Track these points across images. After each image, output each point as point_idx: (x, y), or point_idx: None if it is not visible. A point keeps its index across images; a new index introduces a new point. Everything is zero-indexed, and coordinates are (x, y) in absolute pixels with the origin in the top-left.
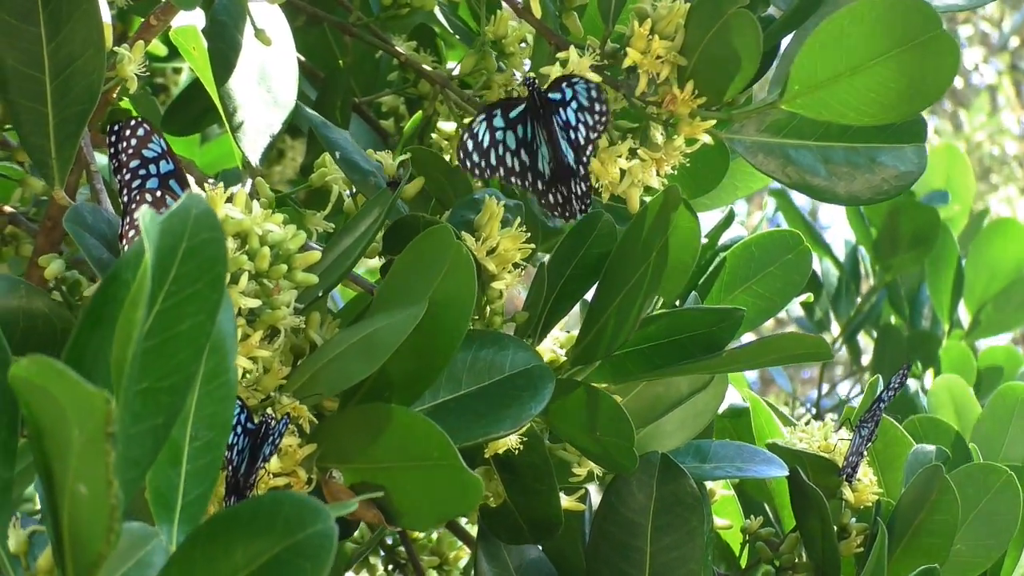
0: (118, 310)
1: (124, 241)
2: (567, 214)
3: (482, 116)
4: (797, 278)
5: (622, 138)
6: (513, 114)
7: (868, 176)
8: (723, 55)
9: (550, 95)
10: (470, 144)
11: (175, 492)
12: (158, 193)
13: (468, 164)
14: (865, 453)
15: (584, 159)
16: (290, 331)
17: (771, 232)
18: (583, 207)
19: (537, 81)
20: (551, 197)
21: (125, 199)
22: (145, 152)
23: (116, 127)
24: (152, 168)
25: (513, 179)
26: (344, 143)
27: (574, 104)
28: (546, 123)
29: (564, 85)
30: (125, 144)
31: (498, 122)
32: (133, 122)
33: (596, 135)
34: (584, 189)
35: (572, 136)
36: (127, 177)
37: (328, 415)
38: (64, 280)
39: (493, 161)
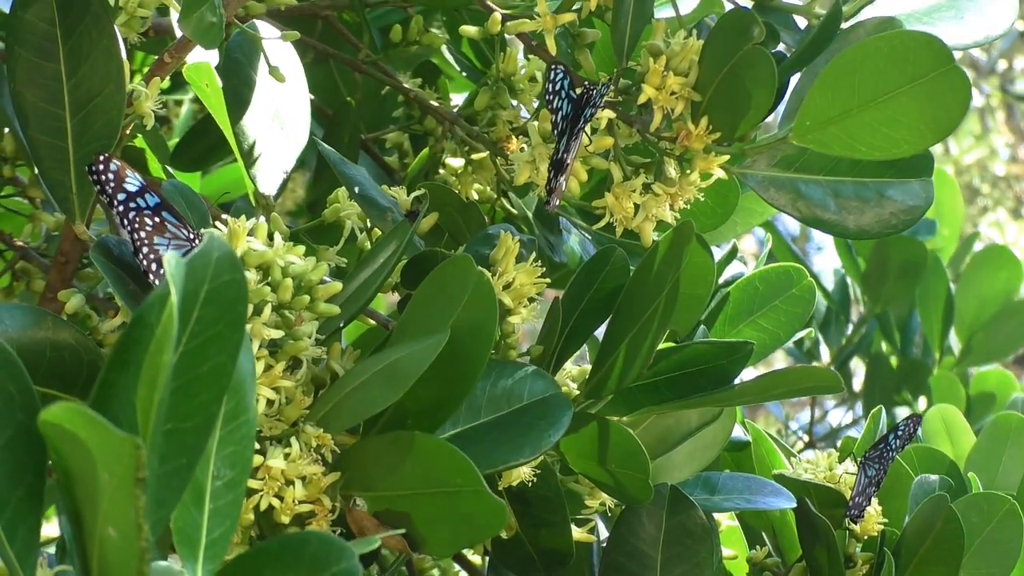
0: (143, 353)
1: (139, 257)
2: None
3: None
4: (800, 312)
5: (636, 173)
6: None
7: (877, 210)
8: (737, 91)
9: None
10: None
11: (199, 531)
12: (156, 219)
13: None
14: (873, 495)
15: (562, 151)
16: (311, 361)
17: (775, 267)
18: (547, 199)
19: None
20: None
21: (127, 231)
22: (127, 186)
23: (90, 166)
24: (140, 201)
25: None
26: (362, 179)
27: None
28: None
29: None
30: (105, 179)
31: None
32: (102, 157)
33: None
34: (552, 182)
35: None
36: (121, 209)
37: (351, 443)
38: (75, 314)
39: None
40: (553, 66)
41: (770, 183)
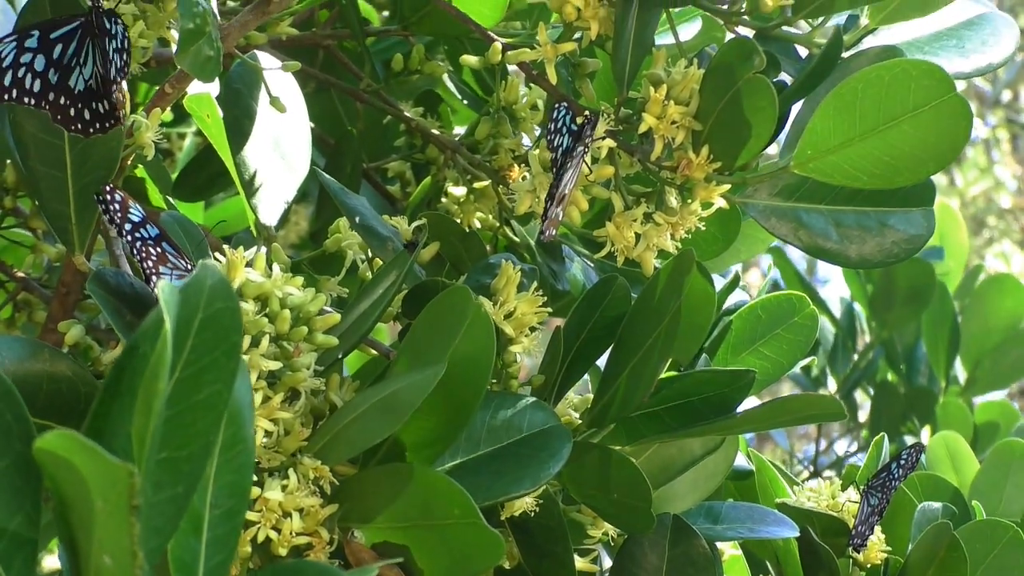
0: (138, 381)
1: (154, 279)
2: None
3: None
4: (803, 340)
5: (637, 202)
6: None
7: (879, 239)
8: (738, 120)
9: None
10: None
11: (197, 560)
12: (157, 250)
13: None
14: (876, 524)
15: (559, 183)
16: (310, 392)
17: (777, 295)
18: (542, 230)
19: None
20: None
21: (136, 256)
22: (131, 216)
23: (97, 197)
24: (143, 232)
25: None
26: (363, 209)
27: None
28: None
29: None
30: (112, 209)
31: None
32: (108, 188)
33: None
34: (548, 213)
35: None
36: (129, 239)
37: (349, 475)
38: (76, 345)
39: None
40: (556, 104)
41: (771, 212)
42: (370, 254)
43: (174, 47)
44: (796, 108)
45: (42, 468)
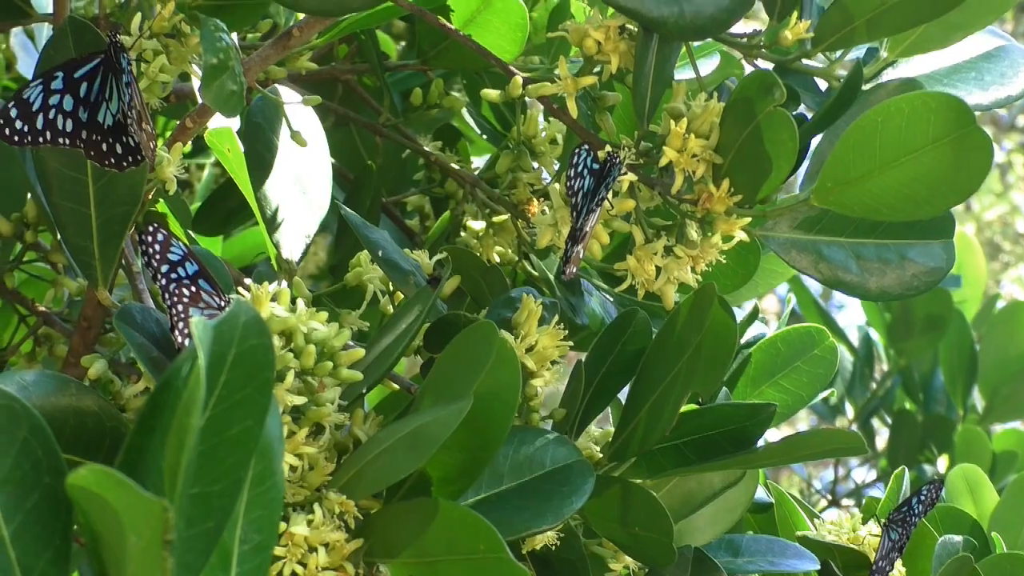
0: (170, 417)
1: (175, 333)
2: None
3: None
4: (823, 372)
5: (657, 235)
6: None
7: (899, 272)
8: (758, 153)
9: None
10: None
11: None
12: (193, 289)
13: None
14: (897, 559)
15: (579, 224)
16: (334, 427)
17: (797, 328)
18: (563, 269)
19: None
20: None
21: (167, 302)
22: (170, 255)
23: (140, 236)
24: (180, 271)
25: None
26: (384, 243)
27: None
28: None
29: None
30: (152, 251)
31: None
32: (151, 227)
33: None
34: (568, 252)
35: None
36: (163, 282)
37: (374, 510)
38: (98, 379)
39: None
40: (576, 149)
41: (792, 245)
42: (391, 287)
43: (195, 82)
44: (816, 140)
45: (74, 503)
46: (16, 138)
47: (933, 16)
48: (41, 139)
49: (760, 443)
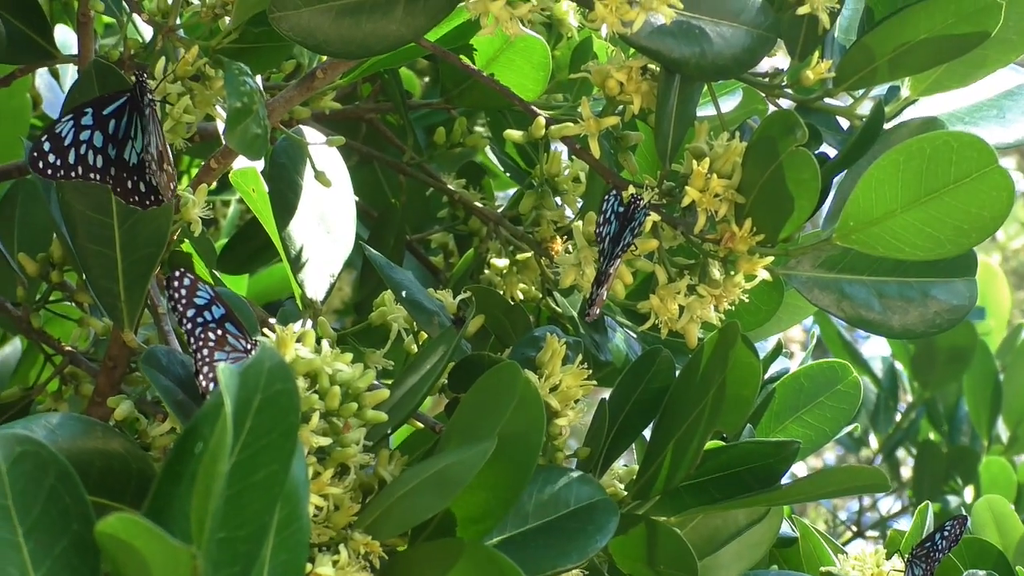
0: (197, 463)
1: (200, 378)
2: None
3: None
4: (847, 408)
5: (680, 275)
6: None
7: (921, 310)
8: (781, 193)
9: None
10: None
11: None
12: (219, 332)
13: None
14: None
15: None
16: (359, 468)
17: (820, 363)
18: (588, 311)
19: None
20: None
21: (192, 347)
22: (197, 300)
23: (167, 280)
24: (207, 315)
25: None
26: (409, 283)
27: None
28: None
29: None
30: (178, 295)
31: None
32: (178, 273)
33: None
34: (593, 294)
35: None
36: (189, 326)
37: (399, 550)
38: (124, 419)
39: None
40: (605, 195)
41: (814, 284)
42: (415, 326)
43: (219, 123)
44: (838, 179)
45: (102, 550)
46: (49, 171)
47: (955, 55)
48: (73, 173)
49: (785, 477)
